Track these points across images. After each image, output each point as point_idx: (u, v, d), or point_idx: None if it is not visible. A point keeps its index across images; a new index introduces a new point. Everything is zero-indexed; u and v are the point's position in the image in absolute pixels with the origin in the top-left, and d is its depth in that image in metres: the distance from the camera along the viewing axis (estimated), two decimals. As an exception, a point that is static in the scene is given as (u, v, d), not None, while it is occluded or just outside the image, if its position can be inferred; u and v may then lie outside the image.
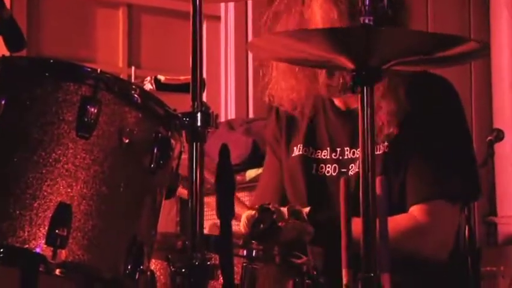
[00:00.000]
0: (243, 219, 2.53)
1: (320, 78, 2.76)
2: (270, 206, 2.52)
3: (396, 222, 2.65)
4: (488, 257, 4.10)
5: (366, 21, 2.12)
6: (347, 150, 2.83)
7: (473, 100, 5.05)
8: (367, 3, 2.13)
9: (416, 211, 2.73)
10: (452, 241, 2.79)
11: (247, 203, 3.74)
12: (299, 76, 2.79)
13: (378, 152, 2.71)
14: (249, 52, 3.86)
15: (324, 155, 2.86)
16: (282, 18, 2.79)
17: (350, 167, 2.80)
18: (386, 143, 2.75)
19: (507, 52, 4.93)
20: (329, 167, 2.85)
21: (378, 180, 2.12)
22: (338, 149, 2.84)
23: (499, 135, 4.32)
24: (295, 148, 2.90)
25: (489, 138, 4.35)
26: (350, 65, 2.15)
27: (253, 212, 2.54)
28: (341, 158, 2.83)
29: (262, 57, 2.76)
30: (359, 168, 2.15)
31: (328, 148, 2.86)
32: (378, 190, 2.12)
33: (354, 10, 2.62)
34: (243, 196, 3.80)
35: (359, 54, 2.15)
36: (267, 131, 3.10)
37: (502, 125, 4.79)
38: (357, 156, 2.74)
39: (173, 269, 2.17)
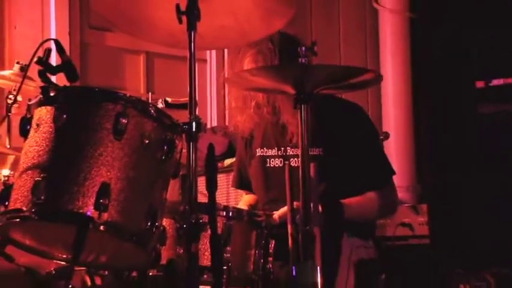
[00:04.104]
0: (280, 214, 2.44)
1: (263, 108, 2.73)
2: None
3: (371, 203, 2.67)
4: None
5: (303, 61, 2.11)
6: (289, 149, 2.77)
7: (369, 111, 5.05)
8: (303, 49, 2.12)
9: (376, 194, 2.70)
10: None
11: (224, 181, 3.75)
12: (247, 110, 2.74)
13: (314, 153, 2.64)
14: (226, 83, 3.84)
15: (274, 153, 2.83)
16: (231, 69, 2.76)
17: (291, 161, 2.74)
18: (320, 148, 2.67)
19: (390, 81, 4.93)
20: (276, 161, 2.83)
21: (312, 166, 2.10)
22: (282, 148, 2.79)
23: (386, 136, 4.28)
24: (257, 150, 2.86)
25: (380, 137, 4.33)
26: (291, 91, 2.13)
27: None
28: (284, 154, 2.78)
29: (234, 86, 2.72)
30: (298, 162, 2.14)
31: (275, 148, 2.81)
32: (312, 173, 2.10)
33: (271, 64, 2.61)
34: (222, 176, 3.78)
35: (297, 83, 2.13)
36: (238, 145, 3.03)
37: (388, 128, 4.80)
38: (295, 153, 2.71)
39: (177, 225, 2.16)
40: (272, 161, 2.82)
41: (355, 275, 2.55)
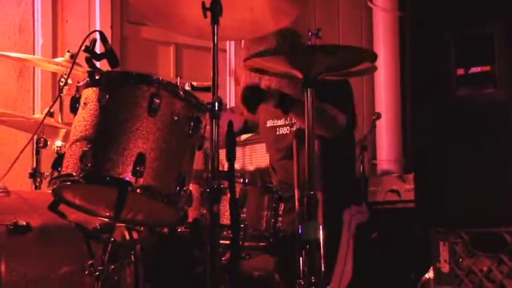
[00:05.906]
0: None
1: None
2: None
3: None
4: (372, 182, 4.08)
5: (310, 43, 2.08)
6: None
7: (364, 95, 5.00)
8: (310, 34, 2.10)
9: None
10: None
11: (241, 153, 3.73)
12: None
13: None
14: (243, 68, 3.79)
15: (281, 123, 2.84)
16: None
17: (294, 126, 2.77)
18: None
19: (382, 69, 4.88)
20: (284, 129, 2.83)
21: (316, 142, 2.06)
22: (288, 118, 2.80)
23: (378, 116, 4.24)
24: (267, 122, 2.89)
25: (373, 117, 4.29)
26: (300, 75, 2.10)
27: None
28: (290, 122, 2.81)
29: (252, 70, 2.68)
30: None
31: (283, 118, 2.83)
32: (316, 148, 2.06)
33: None
34: (239, 149, 3.75)
35: (304, 69, 2.09)
36: None
37: (379, 109, 4.76)
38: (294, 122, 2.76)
39: (202, 190, 2.15)
40: (281, 129, 2.85)
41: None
